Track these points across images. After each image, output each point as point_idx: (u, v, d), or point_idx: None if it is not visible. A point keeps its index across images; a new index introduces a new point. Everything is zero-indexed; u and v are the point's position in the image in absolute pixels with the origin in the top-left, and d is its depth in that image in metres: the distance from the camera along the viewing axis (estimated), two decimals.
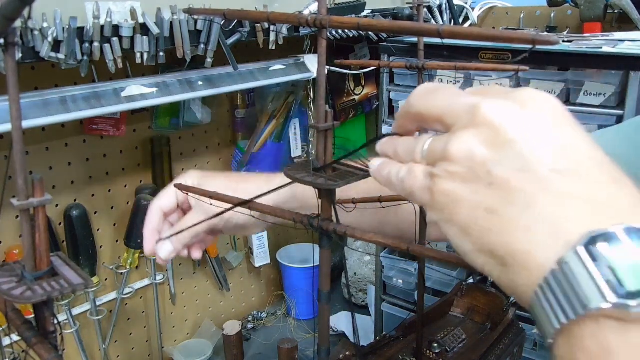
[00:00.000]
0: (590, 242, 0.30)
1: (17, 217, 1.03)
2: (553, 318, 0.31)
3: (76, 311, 1.15)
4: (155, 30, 0.93)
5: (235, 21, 1.05)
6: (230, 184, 0.72)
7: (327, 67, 0.55)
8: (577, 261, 0.30)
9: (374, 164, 0.43)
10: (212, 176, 0.74)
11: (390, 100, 1.34)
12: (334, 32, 1.25)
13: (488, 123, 0.34)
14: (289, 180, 0.48)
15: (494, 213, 0.34)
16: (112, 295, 1.22)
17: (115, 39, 0.90)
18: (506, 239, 0.33)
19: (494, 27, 1.61)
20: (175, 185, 0.69)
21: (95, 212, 1.16)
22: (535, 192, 0.33)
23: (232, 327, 1.27)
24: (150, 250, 0.73)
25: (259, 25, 1.10)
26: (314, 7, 1.12)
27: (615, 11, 1.38)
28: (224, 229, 0.74)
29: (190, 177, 0.72)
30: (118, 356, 1.29)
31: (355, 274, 1.60)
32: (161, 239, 0.71)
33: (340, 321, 1.48)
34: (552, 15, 1.49)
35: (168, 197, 0.73)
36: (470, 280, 1.21)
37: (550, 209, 0.32)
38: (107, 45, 0.90)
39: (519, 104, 0.35)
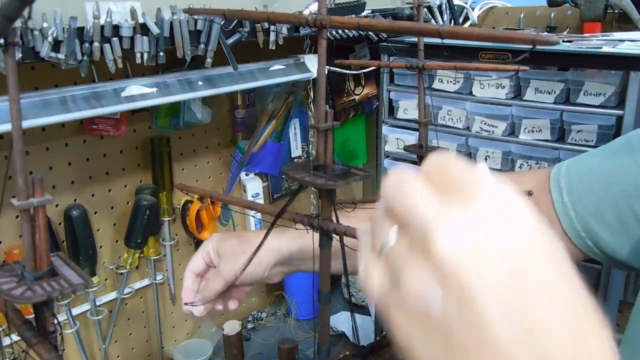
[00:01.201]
0: None
1: (17, 217, 1.03)
2: None
3: (76, 311, 1.15)
4: (155, 30, 0.93)
5: (235, 21, 1.05)
6: (240, 238, 0.84)
7: (327, 67, 0.55)
8: None
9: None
10: (227, 236, 0.86)
11: (390, 100, 1.34)
12: (334, 32, 1.25)
13: (439, 259, 0.33)
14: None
15: None
16: (112, 295, 1.22)
17: (115, 39, 0.90)
18: None
19: (494, 27, 1.61)
20: (176, 185, 0.72)
21: (95, 212, 1.16)
22: (476, 351, 0.31)
23: (232, 327, 1.27)
24: (186, 310, 0.85)
25: (259, 25, 1.10)
26: (314, 7, 1.12)
27: (615, 11, 1.38)
28: (241, 284, 0.84)
29: (210, 242, 0.85)
30: (118, 356, 1.29)
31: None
32: (188, 303, 0.84)
33: (340, 321, 1.48)
34: (552, 15, 1.49)
35: (196, 261, 0.86)
36: None
37: None
38: (107, 45, 0.90)
39: (476, 222, 0.33)
